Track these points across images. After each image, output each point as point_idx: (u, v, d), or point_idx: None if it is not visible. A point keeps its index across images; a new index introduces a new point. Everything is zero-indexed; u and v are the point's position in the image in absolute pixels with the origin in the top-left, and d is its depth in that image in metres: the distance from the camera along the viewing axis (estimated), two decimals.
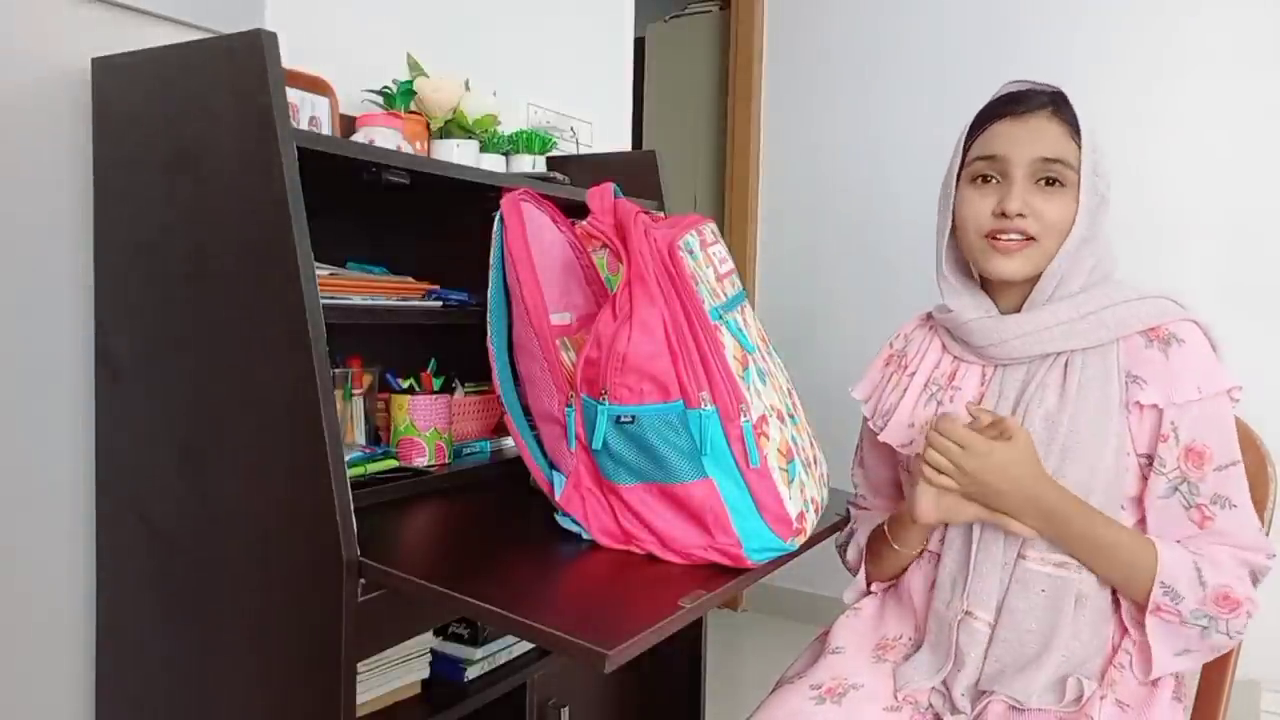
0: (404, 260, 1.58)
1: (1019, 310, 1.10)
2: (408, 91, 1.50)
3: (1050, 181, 1.05)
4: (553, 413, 1.11)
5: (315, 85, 1.40)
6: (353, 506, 1.01)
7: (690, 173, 3.34)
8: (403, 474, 1.29)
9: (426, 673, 1.32)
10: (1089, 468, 1.01)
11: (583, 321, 1.17)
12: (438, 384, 1.44)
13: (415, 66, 1.57)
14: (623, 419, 1.01)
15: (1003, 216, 1.05)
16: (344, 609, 0.98)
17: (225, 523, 1.10)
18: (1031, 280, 1.08)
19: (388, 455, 1.31)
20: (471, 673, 1.34)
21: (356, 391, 1.38)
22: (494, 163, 1.66)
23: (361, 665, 1.11)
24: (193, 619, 1.14)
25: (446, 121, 1.55)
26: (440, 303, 1.40)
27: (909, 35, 2.77)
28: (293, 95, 1.31)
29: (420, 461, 1.34)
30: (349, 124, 1.44)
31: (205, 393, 1.11)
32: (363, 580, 1.00)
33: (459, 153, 1.54)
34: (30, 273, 1.21)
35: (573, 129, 2.19)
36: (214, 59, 1.06)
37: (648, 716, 1.80)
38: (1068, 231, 1.04)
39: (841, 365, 2.59)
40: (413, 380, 1.43)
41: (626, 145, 2.42)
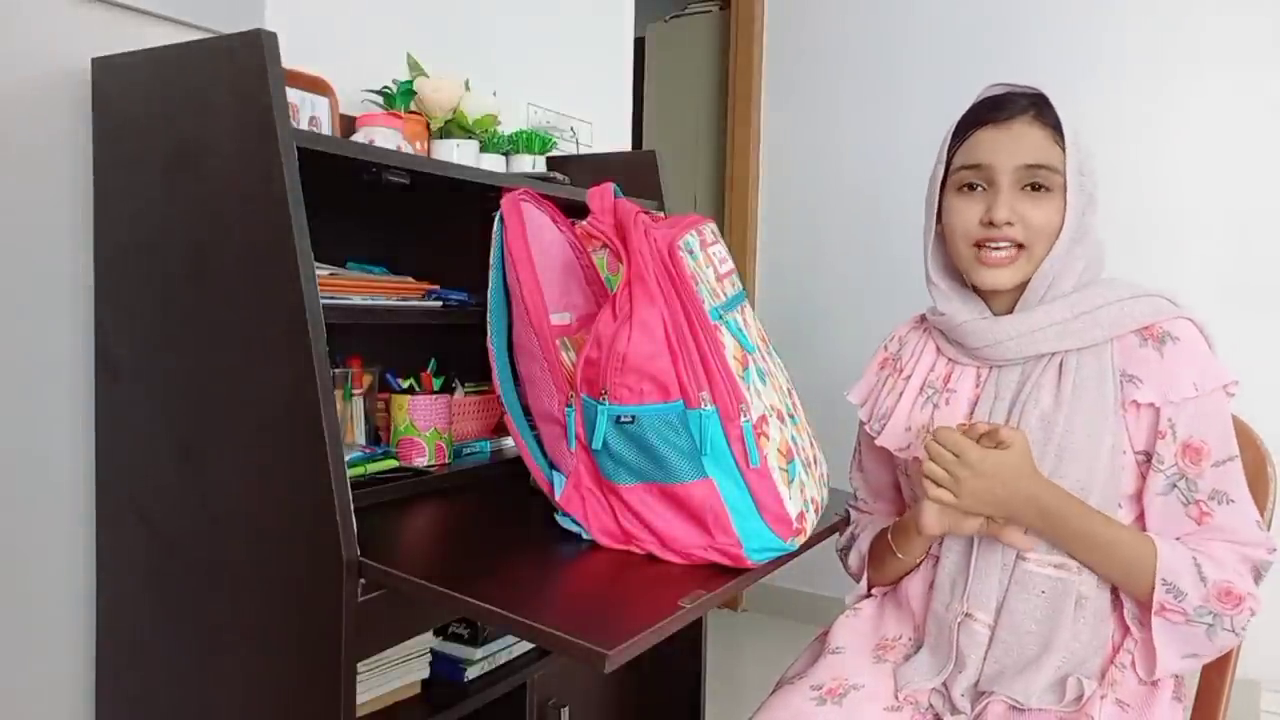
0: (404, 260, 1.58)
1: (1011, 312, 1.10)
2: (408, 91, 1.50)
3: (1036, 187, 1.04)
4: (553, 413, 1.11)
5: (315, 85, 1.41)
6: (353, 506, 1.01)
7: (690, 173, 3.34)
8: (403, 474, 1.29)
9: (426, 673, 1.32)
10: (1086, 467, 1.01)
11: (583, 321, 1.17)
12: (438, 384, 1.44)
13: (415, 66, 1.57)
14: (623, 419, 1.01)
15: (990, 225, 1.05)
16: (344, 609, 0.98)
17: (225, 523, 1.10)
18: (1023, 284, 1.08)
19: (388, 455, 1.31)
20: (471, 673, 1.34)
21: (356, 391, 1.38)
22: (494, 163, 1.66)
23: (361, 665, 1.11)
24: (193, 619, 1.14)
25: (446, 121, 1.55)
26: (440, 303, 1.40)
27: (909, 35, 2.77)
28: (293, 95, 1.31)
29: (420, 461, 1.34)
30: (349, 124, 1.44)
31: (205, 393, 1.11)
32: (363, 580, 1.00)
33: (459, 153, 1.55)
34: (30, 273, 1.21)
35: (573, 129, 2.19)
36: (214, 59, 1.06)
37: (648, 716, 1.80)
38: (1056, 235, 1.04)
39: (841, 365, 2.59)
40: (413, 380, 1.43)
41: (626, 145, 2.42)
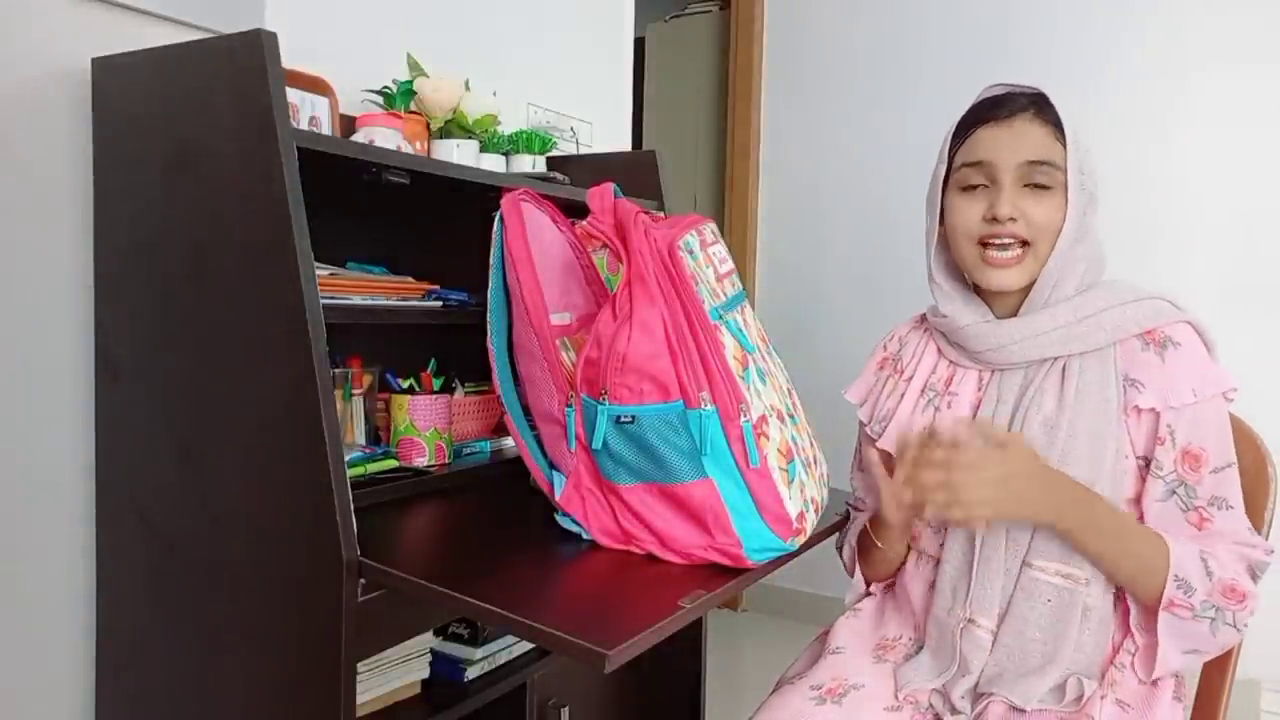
0: (404, 260, 1.58)
1: (1015, 314, 1.09)
2: (408, 91, 1.50)
3: (1038, 185, 1.04)
4: (553, 413, 1.11)
5: (315, 85, 1.40)
6: (353, 506, 1.00)
7: (690, 173, 3.34)
8: (403, 474, 1.29)
9: (426, 673, 1.32)
10: (1089, 471, 1.01)
11: (583, 321, 1.17)
12: (438, 384, 1.44)
13: (415, 66, 1.57)
14: (623, 419, 1.01)
15: (994, 221, 1.05)
16: (344, 609, 0.98)
17: (225, 522, 1.10)
18: (1027, 286, 1.08)
19: (388, 455, 1.31)
20: (471, 673, 1.34)
21: (356, 391, 1.38)
22: (494, 163, 1.66)
23: (361, 665, 1.11)
24: (193, 619, 1.14)
25: (446, 121, 1.55)
26: (440, 303, 1.40)
27: (909, 35, 2.77)
28: (293, 95, 1.31)
29: (420, 461, 1.34)
30: (349, 124, 1.44)
31: (205, 393, 1.11)
32: (363, 580, 1.00)
33: (459, 153, 1.55)
34: (30, 273, 1.21)
35: (573, 129, 2.19)
36: (214, 59, 1.06)
37: (648, 716, 1.80)
38: (1059, 234, 1.04)
39: (841, 365, 2.59)
40: (413, 380, 1.43)
41: (626, 145, 2.42)
